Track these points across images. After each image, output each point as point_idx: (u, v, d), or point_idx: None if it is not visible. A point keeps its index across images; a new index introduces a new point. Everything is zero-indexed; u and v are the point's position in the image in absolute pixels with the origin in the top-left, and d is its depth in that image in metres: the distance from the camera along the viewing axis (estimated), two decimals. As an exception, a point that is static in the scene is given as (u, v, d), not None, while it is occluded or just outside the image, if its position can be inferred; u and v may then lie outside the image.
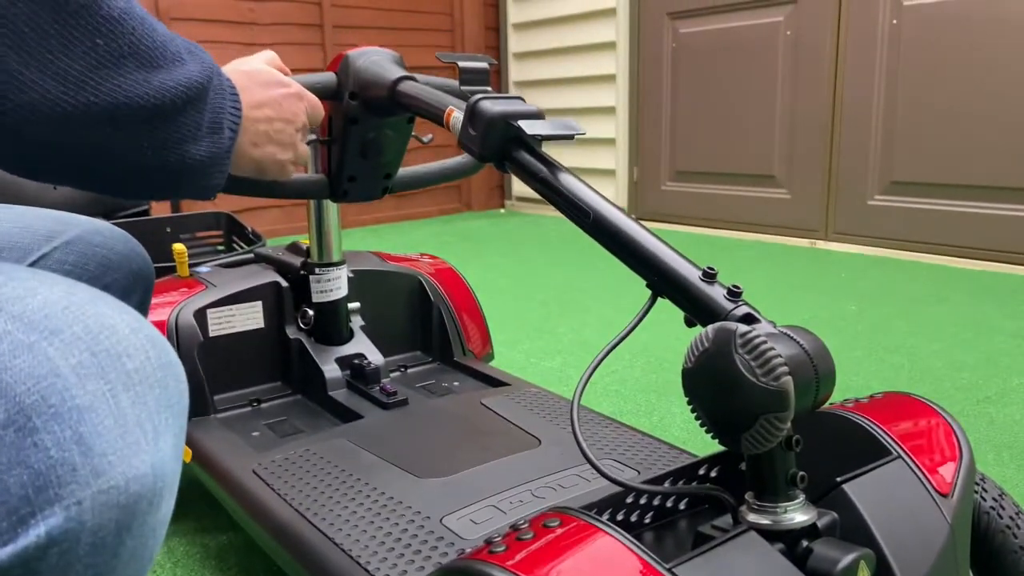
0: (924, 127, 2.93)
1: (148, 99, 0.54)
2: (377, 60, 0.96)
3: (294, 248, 1.39)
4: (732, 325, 0.62)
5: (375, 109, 0.96)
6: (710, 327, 0.63)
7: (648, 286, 0.75)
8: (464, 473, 0.97)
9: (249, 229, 2.03)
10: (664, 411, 1.63)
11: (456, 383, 1.34)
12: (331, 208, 1.30)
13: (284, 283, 1.31)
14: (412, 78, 0.94)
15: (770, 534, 0.63)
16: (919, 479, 0.71)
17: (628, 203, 4.06)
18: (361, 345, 1.31)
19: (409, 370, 1.40)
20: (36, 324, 0.39)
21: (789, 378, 0.60)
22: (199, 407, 1.19)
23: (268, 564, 1.11)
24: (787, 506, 0.64)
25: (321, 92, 0.94)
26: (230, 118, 0.65)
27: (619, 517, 0.73)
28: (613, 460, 1.00)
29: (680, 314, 0.73)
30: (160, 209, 2.95)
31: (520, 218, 4.41)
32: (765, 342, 0.60)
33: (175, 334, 1.21)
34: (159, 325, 1.22)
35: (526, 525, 0.59)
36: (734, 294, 0.69)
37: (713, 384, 0.62)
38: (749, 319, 0.67)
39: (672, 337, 2.07)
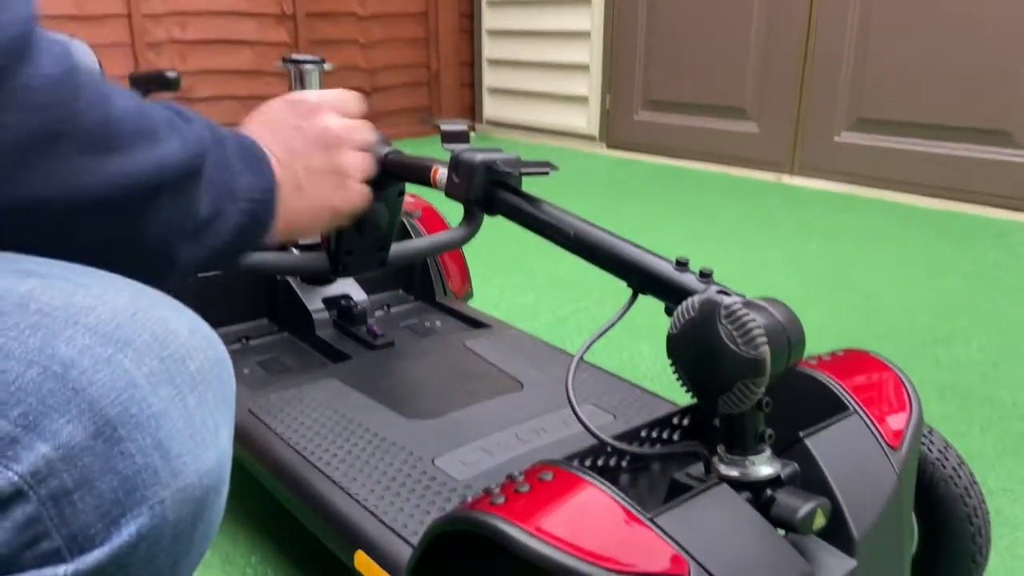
0: (894, 64, 2.97)
1: (93, 190, 0.46)
2: None
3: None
4: (718, 297, 0.67)
5: (368, 186, 1.02)
6: (696, 297, 0.69)
7: (629, 285, 0.80)
8: (452, 415, 1.03)
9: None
10: (633, 349, 1.71)
11: (439, 323, 1.39)
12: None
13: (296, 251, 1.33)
14: (398, 152, 0.99)
15: (739, 484, 0.70)
16: (872, 433, 0.79)
17: (600, 132, 4.07)
18: (346, 285, 1.35)
19: (392, 310, 1.45)
20: (110, 336, 0.42)
21: (767, 347, 0.66)
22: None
23: (268, 506, 1.18)
24: (755, 459, 0.71)
25: None
26: (247, 202, 0.58)
27: (599, 463, 0.80)
28: (592, 405, 1.07)
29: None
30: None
31: (490, 143, 4.39)
32: (747, 314, 0.66)
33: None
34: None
35: (521, 477, 0.65)
36: (705, 276, 0.75)
37: (696, 350, 0.68)
38: (723, 293, 0.73)
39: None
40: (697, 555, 0.60)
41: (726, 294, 0.73)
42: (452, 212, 1.26)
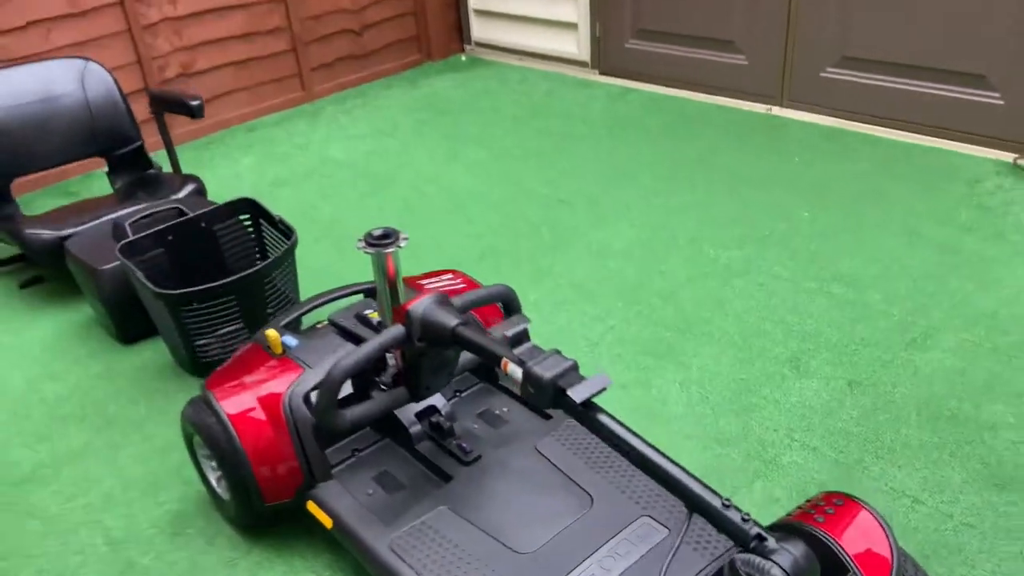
0: (878, 6, 3.07)
1: None
2: (432, 309, 1.36)
3: (365, 320, 1.66)
4: (762, 564, 0.98)
5: (438, 344, 1.33)
6: (739, 559, 0.99)
7: (684, 505, 1.10)
8: (545, 548, 1.35)
9: (276, 217, 2.23)
10: (659, 382, 2.01)
11: (506, 409, 1.69)
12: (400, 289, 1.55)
13: (365, 358, 1.59)
14: (465, 323, 1.28)
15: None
16: (865, 592, 1.12)
17: (592, 58, 4.15)
18: (431, 396, 1.63)
19: (463, 395, 1.74)
20: None
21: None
22: (323, 474, 1.53)
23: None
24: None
25: (396, 344, 1.38)
26: None
27: None
28: (648, 517, 1.39)
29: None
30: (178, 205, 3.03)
31: (482, 69, 4.45)
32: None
33: (291, 418, 1.51)
34: (274, 407, 1.52)
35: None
36: (745, 520, 1.05)
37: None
38: (760, 538, 1.03)
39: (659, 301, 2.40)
40: None
41: (763, 537, 1.03)
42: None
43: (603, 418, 1.18)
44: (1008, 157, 2.94)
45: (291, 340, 1.65)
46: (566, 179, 3.09)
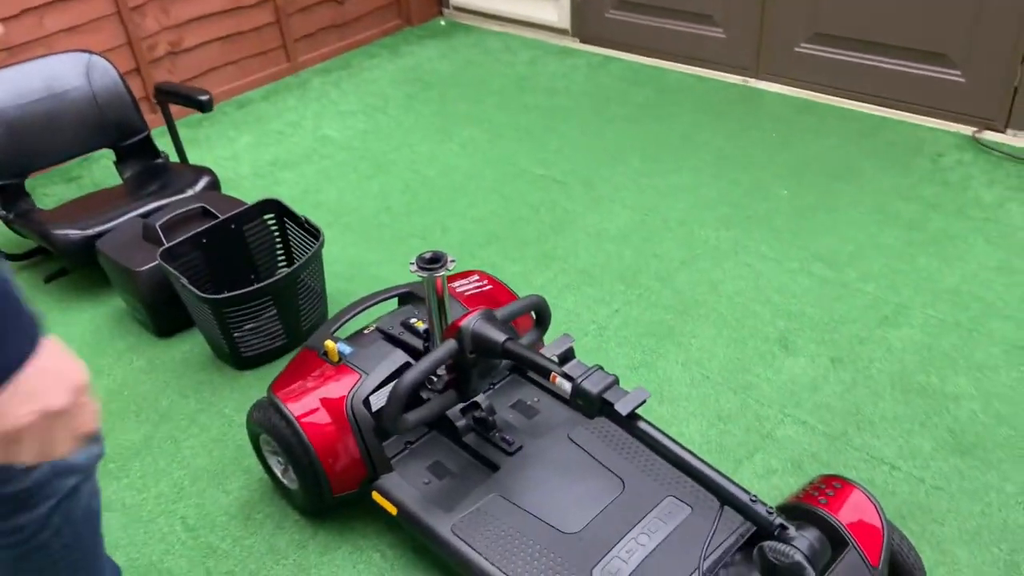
0: (848, -14, 3.26)
1: None
2: (481, 325, 1.57)
3: (411, 328, 1.85)
4: (785, 550, 1.22)
5: (488, 355, 1.54)
6: (767, 546, 1.23)
7: (717, 499, 1.33)
8: (588, 527, 1.58)
9: (302, 217, 2.37)
10: (663, 363, 2.24)
11: (536, 399, 1.90)
12: (446, 305, 1.74)
13: (413, 362, 1.78)
14: (512, 338, 1.49)
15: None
16: (862, 560, 1.37)
17: (572, 26, 4.26)
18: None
19: (496, 386, 1.95)
20: None
21: (812, 574, 1.21)
22: (384, 467, 1.74)
23: None
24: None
25: (451, 358, 1.58)
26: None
27: None
28: (672, 497, 1.63)
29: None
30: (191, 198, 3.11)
31: (463, 36, 4.53)
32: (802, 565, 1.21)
33: (354, 419, 1.71)
34: (336, 409, 1.72)
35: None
36: (770, 513, 1.28)
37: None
38: (783, 527, 1.27)
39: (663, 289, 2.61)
40: None
41: (785, 527, 1.27)
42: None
43: (644, 426, 1.40)
44: (968, 131, 3.18)
45: (345, 348, 1.83)
46: (558, 159, 3.26)
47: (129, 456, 2.07)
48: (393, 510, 1.70)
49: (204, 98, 2.82)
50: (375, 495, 1.73)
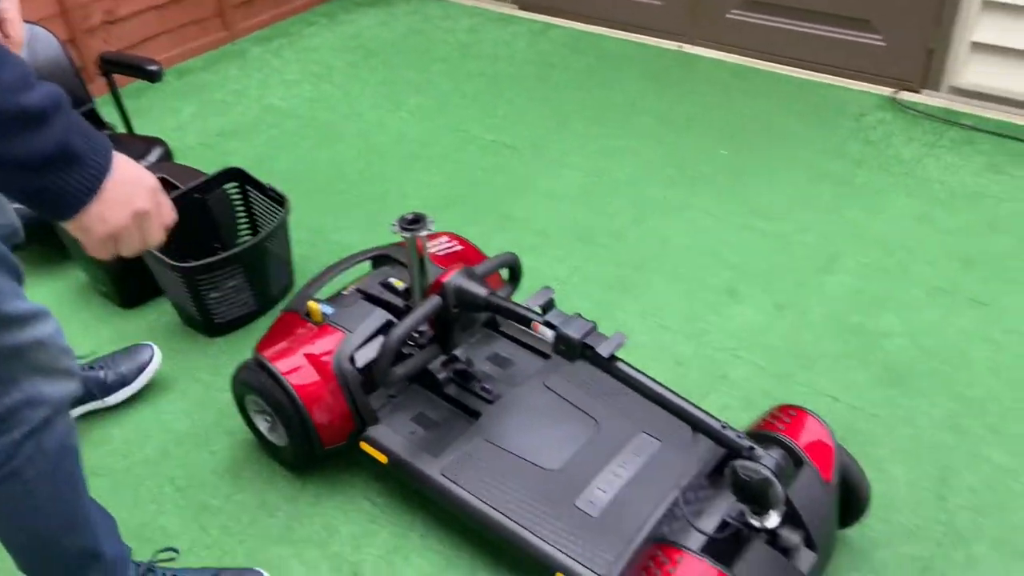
0: (776, -45, 3.42)
1: None
2: (464, 280, 1.69)
3: (391, 287, 1.93)
4: (756, 464, 1.37)
5: (471, 309, 1.65)
6: (738, 464, 1.38)
7: (690, 427, 1.47)
8: (568, 463, 1.71)
9: (267, 185, 2.41)
10: (623, 315, 2.38)
11: (510, 352, 2.02)
12: (427, 265, 1.82)
13: (396, 320, 1.87)
14: (494, 292, 1.58)
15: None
16: (816, 476, 1.54)
17: (509, -6, 4.33)
18: (452, 347, 1.93)
19: (471, 341, 2.05)
20: None
21: (780, 486, 1.37)
22: (372, 419, 1.83)
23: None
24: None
25: (435, 312, 1.68)
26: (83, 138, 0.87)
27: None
28: (643, 432, 1.77)
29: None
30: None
31: (403, 3, 4.54)
32: (768, 480, 1.36)
33: (342, 374, 1.79)
34: (323, 366, 1.80)
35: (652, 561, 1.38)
36: (740, 436, 1.43)
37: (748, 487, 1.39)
38: (751, 449, 1.42)
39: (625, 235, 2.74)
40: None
41: (753, 448, 1.42)
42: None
43: (623, 367, 1.53)
44: (887, 92, 3.40)
45: (327, 308, 1.91)
46: (507, 124, 3.35)
47: (109, 424, 2.11)
48: (383, 459, 1.80)
49: (153, 68, 2.80)
50: (365, 446, 1.83)
